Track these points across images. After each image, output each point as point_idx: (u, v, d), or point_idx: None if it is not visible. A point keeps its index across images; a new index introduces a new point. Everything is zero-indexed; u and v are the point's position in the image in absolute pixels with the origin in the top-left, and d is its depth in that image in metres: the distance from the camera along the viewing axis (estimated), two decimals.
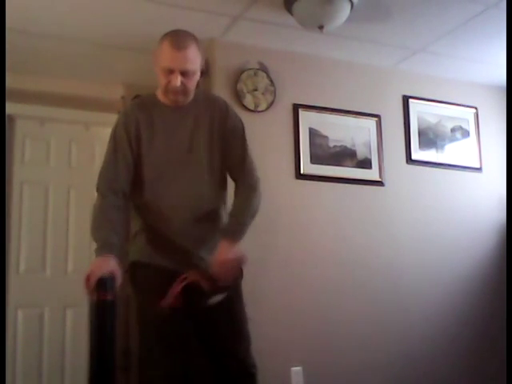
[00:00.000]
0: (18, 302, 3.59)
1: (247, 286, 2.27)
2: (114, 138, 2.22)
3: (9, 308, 3.52)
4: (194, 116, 2.21)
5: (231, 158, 2.25)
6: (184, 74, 2.09)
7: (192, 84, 2.14)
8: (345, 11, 2.79)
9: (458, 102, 3.85)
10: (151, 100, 2.25)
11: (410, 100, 3.71)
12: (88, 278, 1.91)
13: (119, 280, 1.95)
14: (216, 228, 2.24)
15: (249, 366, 2.18)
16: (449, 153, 3.77)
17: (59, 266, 3.74)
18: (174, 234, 2.18)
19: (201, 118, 2.21)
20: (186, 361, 2.16)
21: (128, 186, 2.18)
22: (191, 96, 2.20)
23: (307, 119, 3.38)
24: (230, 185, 2.33)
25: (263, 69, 3.30)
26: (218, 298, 2.06)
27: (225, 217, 2.29)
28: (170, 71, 2.09)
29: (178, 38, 2.11)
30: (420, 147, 3.68)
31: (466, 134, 3.86)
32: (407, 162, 3.63)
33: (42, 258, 3.71)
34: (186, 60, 2.08)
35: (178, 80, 2.08)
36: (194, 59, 2.10)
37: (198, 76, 2.16)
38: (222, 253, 2.08)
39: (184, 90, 2.12)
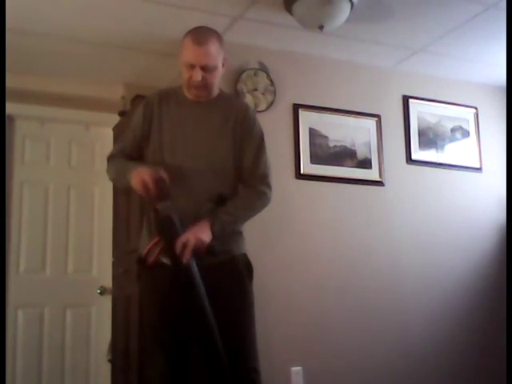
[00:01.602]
0: (18, 302, 3.59)
1: None
2: (134, 115, 2.33)
3: (9, 308, 3.52)
4: (209, 113, 2.21)
5: (242, 162, 2.21)
6: (204, 68, 2.11)
7: (213, 79, 2.16)
8: (345, 11, 2.80)
9: (458, 102, 3.85)
10: (175, 91, 2.27)
11: (410, 100, 3.71)
12: (145, 184, 2.00)
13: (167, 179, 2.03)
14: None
15: (248, 370, 2.12)
16: (449, 153, 3.77)
17: (59, 265, 3.74)
18: None
19: (214, 116, 2.20)
20: (186, 360, 2.15)
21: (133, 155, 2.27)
22: (214, 91, 2.22)
23: (307, 119, 3.38)
24: None
25: (263, 69, 3.30)
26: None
27: None
28: (192, 66, 2.12)
29: (199, 34, 2.14)
30: (420, 147, 3.68)
31: (466, 134, 3.86)
32: (407, 161, 3.63)
33: (42, 258, 3.71)
34: (206, 55, 2.11)
35: (198, 74, 2.11)
36: (214, 54, 2.13)
37: (219, 71, 2.19)
38: (192, 229, 2.04)
39: (205, 84, 2.14)
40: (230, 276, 2.16)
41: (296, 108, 3.37)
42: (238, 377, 2.09)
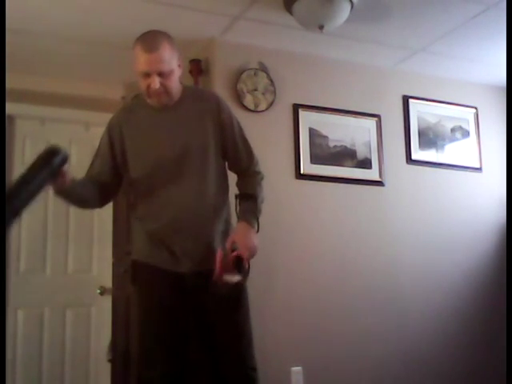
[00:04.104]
0: (18, 302, 3.59)
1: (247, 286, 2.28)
2: (100, 141, 2.31)
3: (9, 308, 3.51)
4: (183, 114, 2.19)
5: (231, 149, 2.26)
6: (161, 74, 2.07)
7: (172, 83, 2.12)
8: (345, 11, 2.80)
9: (458, 102, 3.86)
10: (138, 102, 2.25)
11: (410, 100, 3.71)
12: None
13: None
14: (217, 225, 2.21)
15: (248, 369, 2.17)
16: (449, 153, 3.77)
17: (59, 265, 3.74)
18: (170, 234, 2.17)
19: (190, 115, 2.20)
20: (185, 361, 2.17)
21: (102, 177, 2.25)
22: (176, 94, 2.19)
23: (307, 119, 3.38)
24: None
25: (263, 69, 3.30)
26: (236, 280, 2.05)
27: (226, 212, 2.28)
28: (147, 75, 2.08)
29: (148, 41, 2.09)
30: (420, 147, 3.68)
31: (466, 134, 3.86)
32: (407, 162, 3.63)
33: (42, 257, 3.71)
34: (159, 61, 2.06)
35: (156, 82, 2.07)
36: (167, 59, 2.08)
37: (177, 74, 2.15)
38: (243, 232, 2.10)
39: (165, 90, 2.11)
40: None
41: (296, 108, 3.37)
42: (239, 376, 2.14)
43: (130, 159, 2.21)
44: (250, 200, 2.22)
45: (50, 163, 1.91)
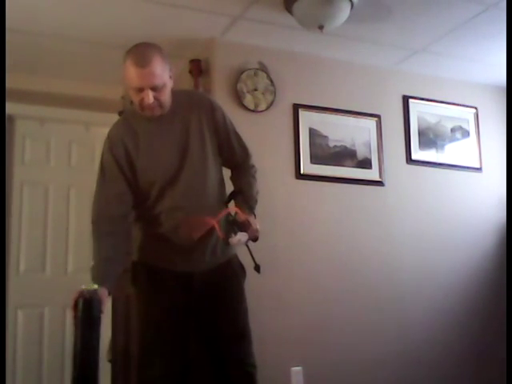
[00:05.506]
0: (18, 302, 3.60)
1: (247, 286, 2.28)
2: (102, 164, 2.21)
3: (9, 308, 3.52)
4: (180, 120, 2.18)
5: (226, 147, 2.27)
6: (154, 88, 2.04)
7: (165, 96, 2.09)
8: (345, 11, 2.80)
9: (458, 102, 3.86)
10: (133, 115, 2.21)
11: (410, 100, 3.71)
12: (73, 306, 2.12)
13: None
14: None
15: (247, 366, 2.18)
16: (449, 153, 3.77)
17: (59, 266, 3.75)
18: (175, 236, 2.17)
19: (188, 120, 2.19)
20: (185, 360, 2.18)
21: (123, 208, 2.17)
22: (168, 104, 2.15)
23: (307, 119, 3.38)
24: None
25: (263, 69, 3.30)
26: (243, 238, 2.08)
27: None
28: (140, 89, 2.04)
29: (139, 55, 2.04)
30: (420, 147, 3.68)
31: (465, 134, 3.86)
32: (407, 161, 3.63)
33: (42, 258, 3.72)
34: (152, 76, 2.02)
35: (150, 97, 2.03)
36: (160, 72, 2.04)
37: (169, 86, 2.11)
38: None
39: (159, 103, 2.08)
40: (230, 277, 2.24)
41: (296, 108, 3.37)
42: (241, 373, 2.16)
43: (139, 173, 2.17)
44: (245, 194, 2.25)
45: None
